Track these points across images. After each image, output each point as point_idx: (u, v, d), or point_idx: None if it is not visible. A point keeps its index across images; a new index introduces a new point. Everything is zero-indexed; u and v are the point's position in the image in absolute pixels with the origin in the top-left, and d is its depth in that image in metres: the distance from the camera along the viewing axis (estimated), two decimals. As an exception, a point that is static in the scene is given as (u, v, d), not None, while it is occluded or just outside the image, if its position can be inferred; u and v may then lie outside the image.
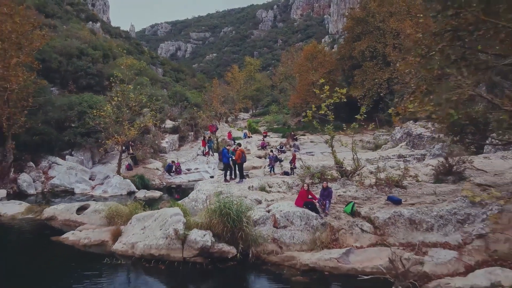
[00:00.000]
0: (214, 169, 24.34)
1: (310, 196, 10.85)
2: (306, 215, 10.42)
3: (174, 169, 23.24)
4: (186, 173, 23.68)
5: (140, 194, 18.06)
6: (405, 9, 32.76)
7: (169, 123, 32.85)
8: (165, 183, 21.81)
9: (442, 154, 16.66)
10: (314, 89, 14.69)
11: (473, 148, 18.66)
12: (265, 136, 37.11)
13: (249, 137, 36.89)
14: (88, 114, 20.38)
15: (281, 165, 22.23)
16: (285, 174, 20.00)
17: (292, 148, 28.88)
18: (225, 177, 15.50)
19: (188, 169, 24.20)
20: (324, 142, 14.55)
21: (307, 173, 13.19)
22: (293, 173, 19.37)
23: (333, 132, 13.41)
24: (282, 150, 28.07)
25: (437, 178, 13.12)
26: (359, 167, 13.28)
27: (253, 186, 14.10)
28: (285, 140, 33.77)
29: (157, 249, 9.88)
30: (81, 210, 14.26)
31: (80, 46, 34.67)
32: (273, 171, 20.91)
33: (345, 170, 13.54)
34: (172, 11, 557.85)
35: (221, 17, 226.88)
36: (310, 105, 13.89)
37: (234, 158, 15.23)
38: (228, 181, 15.16)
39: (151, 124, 24.53)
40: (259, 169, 23.83)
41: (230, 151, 15.88)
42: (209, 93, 53.03)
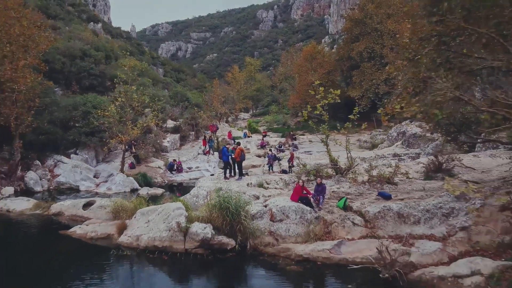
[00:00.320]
0: (214, 167, 24.96)
1: (305, 192, 11.48)
2: (301, 209, 11.05)
3: (175, 167, 23.87)
4: (187, 171, 24.30)
5: (143, 191, 18.68)
6: (402, 10, 33.29)
7: (170, 123, 33.51)
8: (167, 181, 22.45)
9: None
10: (310, 90, 15.20)
11: (466, 147, 19.35)
12: (264, 136, 37.69)
13: (249, 136, 37.49)
14: (93, 114, 21.05)
15: (279, 164, 22.84)
16: (283, 172, 20.57)
17: (291, 147, 29.49)
18: (225, 174, 16.14)
19: (189, 168, 24.83)
20: (320, 141, 15.18)
21: (303, 170, 13.81)
22: (291, 171, 19.94)
23: (328, 131, 14.02)
24: (281, 149, 28.68)
25: (427, 175, 13.73)
26: (352, 165, 13.89)
27: (251, 183, 14.74)
28: (284, 140, 34.37)
29: (160, 241, 10.51)
30: (87, 206, 14.90)
31: (83, 47, 35.31)
32: (272, 170, 21.50)
33: (339, 167, 14.16)
34: (173, 11, 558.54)
35: (222, 17, 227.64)
36: (310, 105, 14.44)
37: (233, 157, 15.86)
38: (227, 179, 15.80)
39: (153, 124, 25.16)
40: (258, 167, 24.43)
41: (229, 149, 16.50)
42: (210, 93, 53.64)
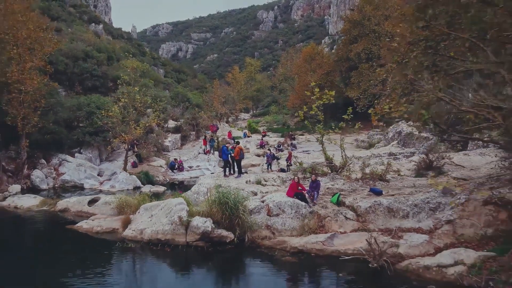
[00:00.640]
0: (214, 166, 25.59)
1: (300, 188, 12.08)
2: (296, 204, 11.65)
3: (176, 166, 24.50)
4: (188, 170, 24.94)
5: (145, 189, 19.32)
6: (393, 15, 33.91)
7: (171, 123, 34.18)
8: (168, 180, 23.09)
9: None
10: (306, 91, 15.80)
11: (459, 146, 19.97)
12: (264, 136, 38.31)
13: (248, 136, 38.11)
14: (97, 114, 21.71)
15: (278, 163, 23.46)
16: (282, 171, 21.16)
17: (289, 147, 30.11)
18: (224, 172, 16.75)
19: (190, 167, 25.47)
20: (316, 140, 15.78)
21: (299, 168, 14.41)
22: (288, 170, 20.55)
23: (323, 131, 14.63)
24: (280, 149, 29.28)
25: (418, 172, 14.32)
26: (347, 163, 14.49)
27: (250, 180, 15.35)
28: (283, 140, 34.98)
29: (163, 234, 11.11)
30: (92, 202, 15.51)
31: (85, 49, 36.00)
32: (271, 168, 22.11)
33: (334, 165, 14.77)
34: (173, 11, 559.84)
35: (222, 17, 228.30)
36: (308, 105, 15.04)
37: (233, 155, 16.48)
38: (227, 176, 16.41)
39: (155, 124, 25.80)
40: (257, 166, 25.03)
41: (229, 148, 17.12)
42: (210, 93, 54.28)
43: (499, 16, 9.18)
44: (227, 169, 16.92)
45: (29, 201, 16.72)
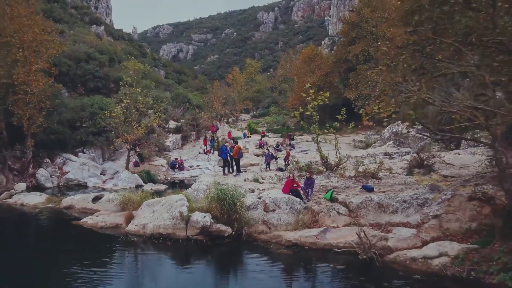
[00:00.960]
0: (214, 166, 26.17)
1: (295, 185, 12.64)
2: (291, 200, 12.22)
3: (177, 165, 25.09)
4: (188, 169, 25.53)
5: (147, 187, 19.89)
6: (389, 17, 34.40)
7: (172, 124, 34.81)
8: (169, 178, 23.69)
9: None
10: (302, 93, 16.40)
11: (453, 145, 20.51)
12: (263, 136, 38.89)
13: (248, 137, 38.70)
14: (99, 114, 22.33)
15: (276, 162, 24.02)
16: (280, 170, 21.72)
17: (288, 147, 30.67)
18: (223, 171, 17.34)
19: (191, 166, 26.07)
20: (311, 140, 16.35)
21: (294, 167, 14.98)
22: (286, 169, 21.12)
23: (319, 131, 15.20)
24: (279, 149, 29.83)
25: (409, 171, 14.87)
26: (341, 161, 15.06)
27: (248, 178, 15.91)
28: (282, 140, 35.55)
29: (164, 229, 11.69)
30: (96, 199, 16.10)
31: (87, 50, 36.61)
32: (269, 168, 22.68)
33: (329, 164, 15.34)
34: (174, 12, 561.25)
35: (223, 18, 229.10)
36: (306, 106, 15.56)
37: (231, 154, 17.07)
38: (226, 175, 17.00)
39: (156, 124, 26.41)
40: (256, 166, 25.61)
41: (228, 147, 17.72)
42: (210, 94, 54.88)
43: (482, 21, 9.78)
44: (226, 167, 17.50)
45: (35, 199, 17.32)
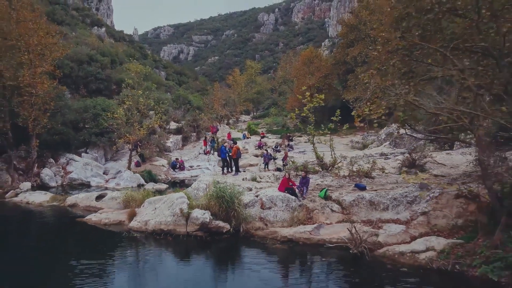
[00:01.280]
0: (214, 166, 26.70)
1: (290, 183, 13.19)
2: (287, 198, 12.77)
3: (178, 166, 25.64)
4: (189, 169, 26.07)
5: (148, 186, 20.42)
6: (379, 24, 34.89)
7: (173, 125, 35.39)
8: (170, 178, 24.22)
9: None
10: (298, 95, 16.96)
11: (447, 146, 21.04)
12: (262, 137, 39.45)
13: (248, 138, 39.27)
14: (102, 116, 22.91)
15: (274, 163, 24.55)
16: (278, 170, 22.24)
17: (287, 147, 31.20)
18: (222, 170, 17.90)
19: (191, 166, 26.61)
20: (307, 141, 16.90)
21: (291, 166, 15.52)
22: (284, 169, 21.64)
23: (314, 131, 15.75)
24: (277, 150, 30.36)
25: (402, 170, 15.39)
26: (336, 161, 15.61)
27: (246, 178, 16.47)
28: (281, 141, 36.09)
29: (165, 225, 12.25)
30: (99, 198, 16.65)
31: (89, 52, 37.17)
32: (267, 168, 23.20)
33: (324, 164, 15.88)
34: (175, 13, 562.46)
35: (223, 20, 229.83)
36: (305, 107, 16.07)
37: (230, 154, 17.63)
38: (225, 174, 17.56)
39: (158, 125, 26.99)
40: (255, 166, 26.15)
41: (227, 148, 18.28)
42: (211, 96, 55.44)
43: (467, 28, 10.34)
44: (225, 167, 18.06)
45: (40, 197, 17.88)
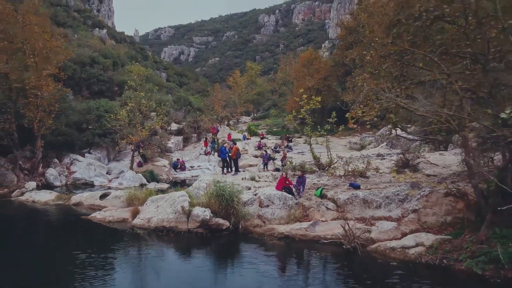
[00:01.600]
0: (214, 166, 27.24)
1: (287, 182, 13.72)
2: (284, 196, 13.30)
3: (179, 166, 26.20)
4: (189, 169, 26.62)
5: (150, 186, 20.96)
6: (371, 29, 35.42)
7: (174, 126, 35.95)
8: (171, 178, 24.79)
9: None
10: (295, 97, 17.53)
11: (442, 147, 21.54)
12: (262, 138, 39.97)
13: (248, 139, 39.80)
14: (105, 117, 23.49)
15: (274, 163, 25.09)
16: (277, 170, 22.77)
17: (286, 148, 31.74)
18: (222, 170, 18.46)
19: (192, 166, 27.17)
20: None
21: (289, 166, 16.06)
22: (282, 169, 22.17)
23: (311, 133, 16.29)
24: (277, 150, 30.91)
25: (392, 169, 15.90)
26: (332, 161, 16.14)
27: (245, 177, 17.02)
28: (280, 142, 36.62)
29: (168, 222, 12.79)
30: (103, 197, 17.19)
31: (91, 54, 37.74)
32: (266, 168, 23.74)
33: (321, 164, 16.42)
34: (175, 15, 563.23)
35: (224, 21, 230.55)
36: (303, 109, 16.57)
37: (230, 154, 18.17)
38: (225, 174, 18.11)
39: (159, 126, 27.55)
40: (255, 166, 26.68)
41: (227, 148, 18.83)
42: (211, 97, 55.95)
43: (455, 33, 10.89)
44: (225, 167, 18.60)
45: (45, 196, 18.44)
